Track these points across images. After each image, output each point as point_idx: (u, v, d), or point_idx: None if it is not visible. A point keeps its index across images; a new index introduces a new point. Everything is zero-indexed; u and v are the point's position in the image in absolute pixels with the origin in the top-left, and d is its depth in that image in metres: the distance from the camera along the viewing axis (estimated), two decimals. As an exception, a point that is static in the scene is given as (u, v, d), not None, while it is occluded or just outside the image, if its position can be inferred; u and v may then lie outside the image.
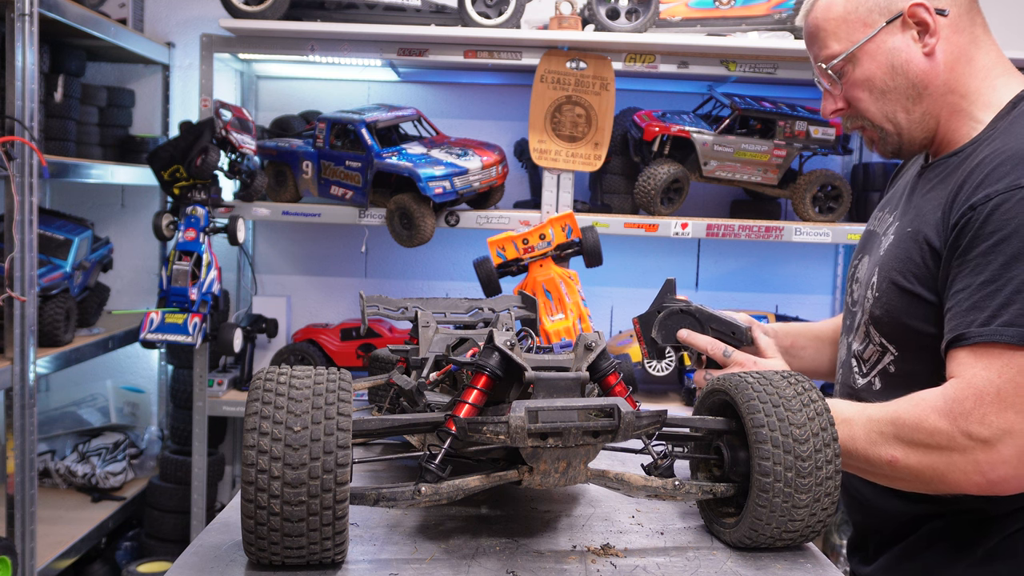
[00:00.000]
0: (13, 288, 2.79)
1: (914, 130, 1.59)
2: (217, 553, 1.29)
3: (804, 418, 1.31)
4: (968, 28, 1.55)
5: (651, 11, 3.22)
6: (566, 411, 1.22)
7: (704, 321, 1.76)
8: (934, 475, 1.40)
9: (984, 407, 1.34)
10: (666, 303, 1.78)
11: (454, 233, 3.57)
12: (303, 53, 3.33)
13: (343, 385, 1.20)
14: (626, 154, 3.55)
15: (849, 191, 3.40)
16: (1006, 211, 1.37)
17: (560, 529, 1.44)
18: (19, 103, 2.78)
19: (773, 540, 1.34)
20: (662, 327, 1.78)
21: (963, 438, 1.36)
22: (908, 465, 1.42)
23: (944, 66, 1.54)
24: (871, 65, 1.56)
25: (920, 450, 1.40)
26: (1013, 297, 1.34)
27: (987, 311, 1.36)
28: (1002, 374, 1.34)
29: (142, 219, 3.99)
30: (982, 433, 1.35)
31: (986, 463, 1.35)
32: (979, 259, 1.39)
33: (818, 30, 1.61)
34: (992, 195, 1.39)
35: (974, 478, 1.37)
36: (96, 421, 3.92)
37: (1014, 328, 1.34)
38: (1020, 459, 1.34)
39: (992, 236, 1.38)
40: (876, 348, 1.61)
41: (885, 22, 1.54)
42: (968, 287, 1.39)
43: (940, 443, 1.38)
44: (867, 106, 1.59)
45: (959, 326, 1.40)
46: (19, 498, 2.86)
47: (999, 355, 1.35)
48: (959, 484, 1.39)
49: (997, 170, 1.41)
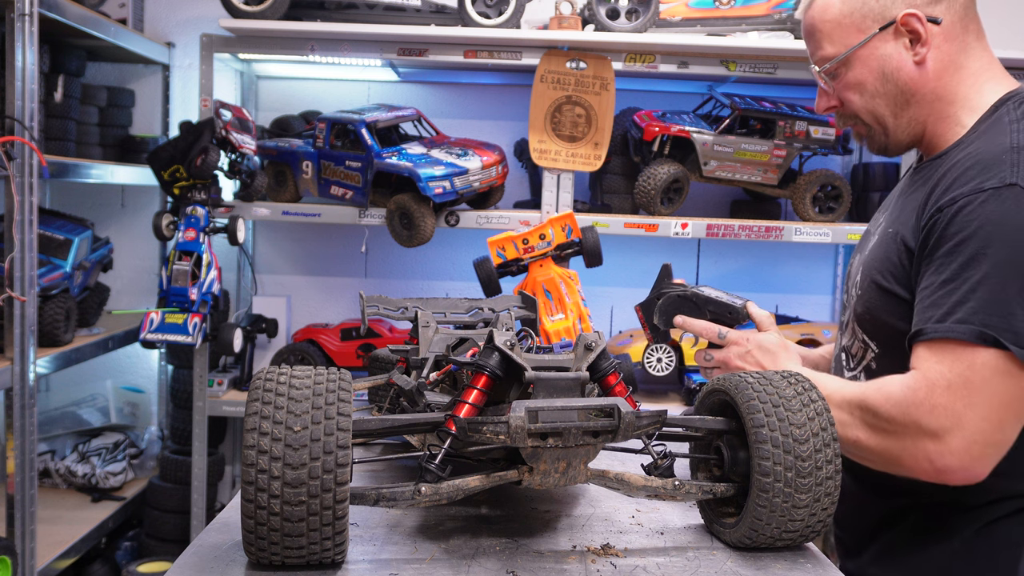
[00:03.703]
0: (13, 288, 2.79)
1: (900, 132, 1.65)
2: (217, 553, 1.29)
3: (804, 418, 1.31)
4: (960, 36, 1.59)
5: (651, 11, 3.22)
6: (566, 411, 1.22)
7: (701, 304, 1.82)
8: (891, 458, 1.48)
9: (934, 399, 1.41)
10: (664, 289, 1.83)
11: (454, 233, 3.57)
12: (303, 53, 3.33)
13: (343, 385, 1.20)
14: (626, 154, 3.55)
15: (849, 191, 3.40)
16: (968, 213, 1.43)
17: (560, 529, 1.44)
18: (19, 103, 2.78)
19: (773, 540, 1.34)
20: (662, 313, 1.83)
21: (913, 427, 1.43)
22: (870, 446, 1.49)
23: (933, 74, 1.58)
24: (863, 70, 1.61)
25: (879, 434, 1.48)
26: (968, 296, 1.40)
27: (943, 308, 1.42)
28: (952, 368, 1.40)
29: (142, 219, 3.99)
30: (930, 424, 1.41)
31: (935, 452, 1.41)
32: (942, 259, 1.45)
33: (814, 30, 1.65)
34: (957, 198, 1.45)
35: (923, 465, 1.43)
36: (96, 421, 3.92)
37: (966, 325, 1.39)
38: (966, 451, 1.40)
39: (955, 237, 1.44)
40: (860, 344, 1.66)
41: (878, 29, 1.57)
42: (931, 285, 1.45)
43: (895, 430, 1.45)
44: (857, 107, 1.65)
45: (919, 322, 1.46)
46: (19, 498, 2.86)
47: (952, 351, 1.41)
48: (912, 470, 1.46)
49: (965, 174, 1.47)
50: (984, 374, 1.38)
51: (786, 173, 3.40)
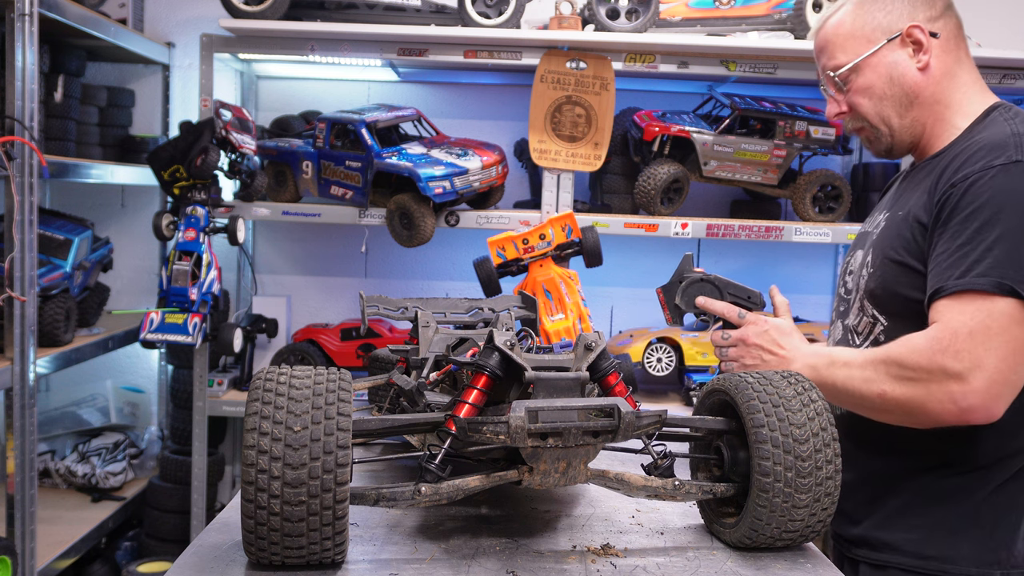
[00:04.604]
0: (13, 288, 2.79)
1: (904, 133, 1.82)
2: (217, 553, 1.29)
3: (804, 418, 1.31)
4: (954, 50, 1.80)
5: (651, 11, 3.22)
6: (566, 411, 1.22)
7: (722, 288, 1.95)
8: (915, 406, 1.60)
9: (957, 344, 1.55)
10: (686, 274, 1.96)
11: (454, 233, 3.57)
12: (303, 53, 3.32)
13: (343, 385, 1.20)
14: (626, 154, 3.55)
15: (849, 191, 3.40)
16: (980, 186, 1.61)
17: (560, 529, 1.44)
18: (19, 103, 2.78)
19: (773, 540, 1.34)
20: (684, 294, 1.96)
21: (939, 371, 1.56)
22: (895, 397, 1.62)
23: (933, 80, 1.78)
24: (872, 75, 1.79)
25: (904, 383, 1.60)
26: (985, 254, 1.56)
27: (962, 267, 1.58)
28: (974, 316, 1.55)
29: (142, 219, 3.99)
30: (955, 367, 1.55)
31: (959, 393, 1.55)
32: (957, 226, 1.61)
33: (828, 43, 1.84)
34: (969, 175, 1.63)
35: (948, 407, 1.56)
36: (96, 421, 3.92)
37: (986, 278, 1.55)
38: (987, 390, 1.55)
39: (969, 207, 1.61)
40: (868, 320, 1.81)
41: (886, 40, 1.78)
42: (947, 250, 1.61)
43: (920, 376, 1.58)
44: (866, 110, 1.82)
45: (938, 281, 1.61)
46: (19, 498, 2.86)
47: (972, 300, 1.56)
48: (937, 414, 1.58)
49: (974, 156, 1.65)
50: (1003, 321, 1.54)
51: (786, 173, 3.40)
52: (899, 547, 1.73)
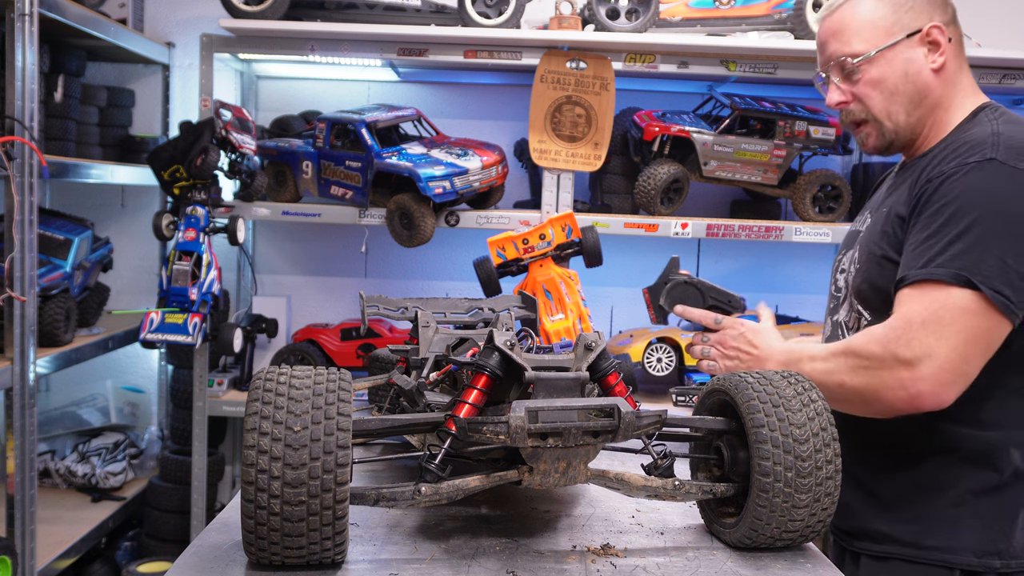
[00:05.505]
0: (13, 288, 2.79)
1: (907, 131, 1.83)
2: (217, 553, 1.30)
3: (804, 418, 1.31)
4: (959, 56, 1.84)
5: (651, 11, 3.21)
6: (566, 411, 1.22)
7: (704, 291, 2.00)
8: (870, 394, 1.65)
9: (911, 333, 1.60)
10: (671, 276, 2.00)
11: (454, 233, 3.57)
12: (303, 53, 3.32)
13: (343, 385, 1.20)
14: (626, 154, 3.54)
15: (849, 191, 3.40)
16: (952, 182, 1.65)
17: (560, 529, 1.44)
18: (19, 103, 2.78)
19: (773, 540, 1.34)
20: (668, 296, 2.00)
21: (891, 359, 1.61)
22: (852, 386, 1.67)
23: (942, 81, 1.80)
24: (887, 69, 1.79)
25: (860, 372, 1.66)
26: (948, 247, 1.60)
27: (925, 257, 1.62)
28: (929, 306, 1.59)
29: (142, 219, 3.99)
30: (906, 355, 1.60)
31: (908, 379, 1.60)
32: (927, 220, 1.66)
33: (844, 27, 1.82)
34: (945, 171, 1.68)
35: (899, 393, 1.61)
36: (96, 421, 3.92)
37: (943, 269, 1.59)
38: (935, 377, 1.59)
39: (939, 202, 1.66)
40: (855, 315, 1.85)
41: (905, 35, 1.77)
42: (915, 242, 1.67)
43: (874, 365, 1.64)
44: (874, 103, 1.81)
45: (903, 271, 1.66)
46: (19, 498, 2.86)
47: (930, 291, 1.60)
48: (890, 401, 1.63)
49: (952, 154, 1.70)
50: (955, 312, 1.58)
51: (786, 173, 3.40)
52: (899, 538, 1.75)
